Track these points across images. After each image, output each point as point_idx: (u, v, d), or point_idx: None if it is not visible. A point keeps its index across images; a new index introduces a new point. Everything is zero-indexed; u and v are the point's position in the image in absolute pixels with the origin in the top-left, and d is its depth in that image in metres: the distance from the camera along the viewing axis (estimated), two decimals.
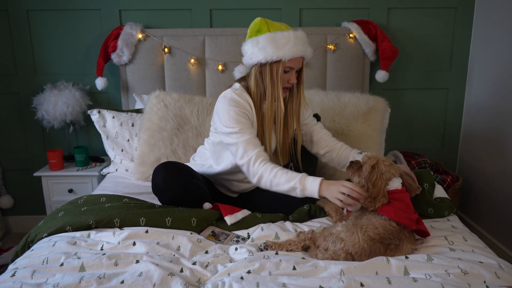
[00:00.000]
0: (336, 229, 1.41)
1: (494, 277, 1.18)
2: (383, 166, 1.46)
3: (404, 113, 2.78)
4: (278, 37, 1.61)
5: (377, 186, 1.43)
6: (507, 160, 2.34)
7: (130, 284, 1.15)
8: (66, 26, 2.58)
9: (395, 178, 1.47)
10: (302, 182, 1.56)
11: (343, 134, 2.18)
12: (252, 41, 1.65)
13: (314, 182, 1.55)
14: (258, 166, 1.62)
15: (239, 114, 1.67)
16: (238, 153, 1.65)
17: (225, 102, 1.68)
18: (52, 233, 1.49)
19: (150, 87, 2.52)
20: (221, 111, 1.69)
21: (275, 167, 1.61)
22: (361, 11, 2.60)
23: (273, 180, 1.60)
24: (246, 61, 1.70)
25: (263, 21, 1.65)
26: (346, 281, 1.14)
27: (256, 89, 1.70)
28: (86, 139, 2.76)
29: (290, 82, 1.69)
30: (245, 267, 1.25)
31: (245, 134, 1.65)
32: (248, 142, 1.65)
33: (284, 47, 1.60)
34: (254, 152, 1.63)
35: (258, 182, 1.64)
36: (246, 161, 1.63)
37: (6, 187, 2.81)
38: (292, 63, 1.64)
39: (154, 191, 1.71)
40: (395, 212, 1.38)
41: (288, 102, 1.77)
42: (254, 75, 1.69)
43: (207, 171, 1.87)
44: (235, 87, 1.73)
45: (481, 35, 2.57)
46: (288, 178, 1.58)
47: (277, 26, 1.65)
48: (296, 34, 1.64)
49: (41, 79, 2.64)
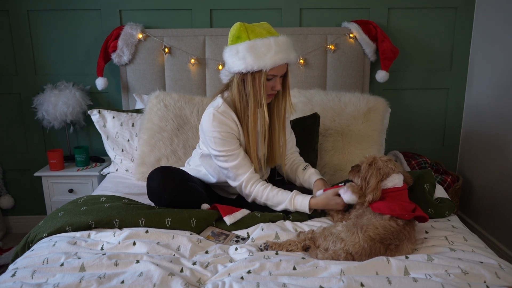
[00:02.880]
0: (337, 228, 1.41)
1: (494, 277, 1.18)
2: (381, 162, 1.48)
3: (404, 113, 2.78)
4: (258, 46, 1.53)
5: (371, 182, 1.43)
6: (508, 160, 2.34)
7: (130, 284, 1.15)
8: (66, 26, 2.58)
9: (395, 174, 1.47)
10: (293, 203, 1.64)
11: (343, 134, 2.18)
12: (231, 49, 1.59)
13: (303, 203, 1.63)
14: (249, 189, 1.68)
15: (224, 136, 1.64)
16: (229, 176, 1.71)
17: (209, 123, 1.64)
18: (52, 233, 1.49)
19: (150, 87, 2.52)
20: (207, 133, 1.66)
21: (266, 188, 1.67)
22: (361, 11, 2.60)
23: (266, 202, 1.69)
24: (228, 69, 1.64)
25: (242, 27, 1.57)
26: (346, 281, 1.14)
27: (239, 98, 1.65)
28: (87, 139, 2.76)
29: (275, 89, 1.63)
30: (245, 267, 1.25)
31: (234, 158, 1.66)
32: (238, 166, 1.67)
33: (265, 56, 1.53)
34: (244, 177, 1.68)
35: (253, 201, 1.72)
36: (238, 185, 1.70)
37: (7, 187, 2.81)
38: (274, 71, 1.58)
39: (150, 196, 1.71)
40: (388, 206, 1.38)
41: (273, 109, 1.73)
42: (236, 83, 1.64)
43: (203, 179, 1.86)
44: (218, 104, 1.66)
45: (482, 35, 2.57)
46: (278, 200, 1.66)
47: (258, 32, 1.56)
48: (277, 40, 1.55)
49: (42, 79, 2.64)
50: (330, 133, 2.20)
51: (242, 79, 1.63)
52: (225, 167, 1.68)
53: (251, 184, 1.67)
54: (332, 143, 2.18)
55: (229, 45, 1.61)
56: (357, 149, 2.15)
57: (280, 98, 1.71)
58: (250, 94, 1.61)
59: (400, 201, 1.44)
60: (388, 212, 1.37)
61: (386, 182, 1.47)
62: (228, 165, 1.67)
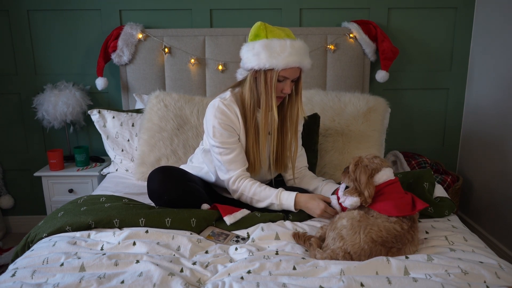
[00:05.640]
0: (341, 222, 1.39)
1: (494, 277, 1.18)
2: (366, 159, 1.49)
3: (404, 113, 2.78)
4: (274, 45, 1.56)
5: (361, 179, 1.44)
6: (507, 160, 2.34)
7: (130, 284, 1.15)
8: (66, 26, 2.58)
9: (385, 168, 1.48)
10: (279, 197, 1.65)
11: (343, 134, 2.18)
12: (248, 45, 1.62)
13: (289, 198, 1.63)
14: (237, 184, 1.69)
15: (223, 126, 1.66)
16: (221, 169, 1.72)
17: (211, 112, 1.68)
18: (52, 233, 1.49)
19: (150, 87, 2.52)
20: (208, 121, 1.70)
21: (254, 184, 1.68)
22: (361, 11, 2.60)
23: (252, 197, 1.69)
24: (242, 65, 1.68)
25: (262, 26, 1.61)
26: (346, 281, 1.14)
27: (250, 94, 1.67)
28: (87, 139, 2.76)
29: (284, 92, 1.64)
30: (245, 267, 1.25)
31: (228, 152, 1.68)
32: (230, 161, 1.68)
33: (279, 56, 1.56)
34: (235, 173, 1.69)
35: (239, 198, 1.73)
36: (227, 178, 1.71)
37: (7, 187, 2.81)
38: (286, 72, 1.59)
39: (150, 196, 1.72)
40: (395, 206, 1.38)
41: (286, 112, 1.74)
42: (249, 80, 1.66)
43: (205, 177, 1.87)
44: (225, 96, 1.71)
45: (482, 35, 2.57)
46: (265, 194, 1.66)
47: (276, 33, 1.59)
48: (293, 43, 1.58)
49: (42, 79, 2.64)
50: (330, 133, 2.20)
51: (255, 77, 1.65)
52: (218, 160, 1.70)
53: (240, 180, 1.69)
54: (332, 143, 2.18)
55: (247, 42, 1.65)
56: (357, 149, 2.15)
57: (293, 102, 1.73)
58: (262, 92, 1.63)
59: (397, 193, 1.44)
60: (396, 213, 1.36)
61: (379, 177, 1.47)
62: (221, 158, 1.69)
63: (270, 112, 1.65)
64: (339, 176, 2.09)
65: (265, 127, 1.67)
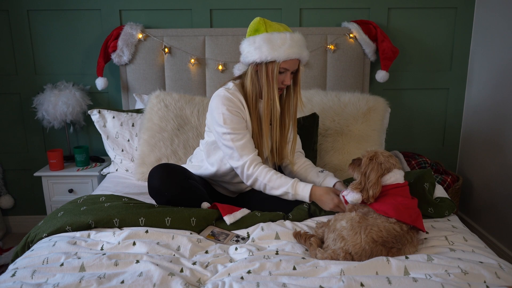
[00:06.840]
0: (341, 223, 1.39)
1: (494, 277, 1.18)
2: (382, 157, 1.46)
3: (404, 113, 2.78)
4: (274, 38, 1.62)
5: (371, 177, 1.42)
6: (507, 160, 2.34)
7: (130, 284, 1.15)
8: (66, 26, 2.58)
9: (396, 169, 1.46)
10: (294, 187, 1.66)
11: (343, 134, 2.18)
12: (249, 40, 1.67)
13: (305, 189, 1.66)
14: (252, 169, 1.69)
15: (233, 112, 1.68)
16: (233, 156, 1.70)
17: (218, 100, 1.70)
18: (52, 233, 1.49)
19: (150, 87, 2.52)
20: (215, 110, 1.71)
21: (269, 170, 1.69)
22: (361, 11, 2.60)
23: (267, 184, 1.68)
24: (242, 59, 1.72)
25: (261, 21, 1.66)
26: (346, 281, 1.14)
27: (252, 87, 1.71)
28: (87, 139, 2.76)
29: (284, 83, 1.69)
30: (245, 267, 1.25)
31: (240, 137, 1.68)
32: (243, 146, 1.69)
33: (279, 48, 1.61)
34: (249, 157, 1.69)
35: (253, 184, 1.72)
36: (241, 164, 1.69)
37: (7, 187, 2.81)
38: (287, 64, 1.65)
39: (150, 193, 1.72)
40: (394, 207, 1.37)
41: (285, 103, 1.79)
42: (250, 73, 1.70)
43: (204, 173, 1.87)
44: (229, 86, 1.75)
45: (481, 35, 2.57)
46: (281, 182, 1.67)
47: (275, 27, 1.65)
48: (292, 36, 1.64)
49: (42, 79, 2.64)
50: (329, 133, 2.20)
51: (256, 70, 1.69)
52: (230, 146, 1.69)
53: (255, 165, 1.69)
54: (332, 143, 2.18)
55: (247, 37, 1.68)
56: (357, 149, 2.15)
57: (291, 94, 1.77)
58: (263, 85, 1.67)
59: (402, 197, 1.42)
60: (394, 215, 1.36)
61: (387, 178, 1.45)
62: (233, 145, 1.68)
63: (272, 103, 1.69)
64: (339, 176, 2.09)
65: (267, 117, 1.71)
